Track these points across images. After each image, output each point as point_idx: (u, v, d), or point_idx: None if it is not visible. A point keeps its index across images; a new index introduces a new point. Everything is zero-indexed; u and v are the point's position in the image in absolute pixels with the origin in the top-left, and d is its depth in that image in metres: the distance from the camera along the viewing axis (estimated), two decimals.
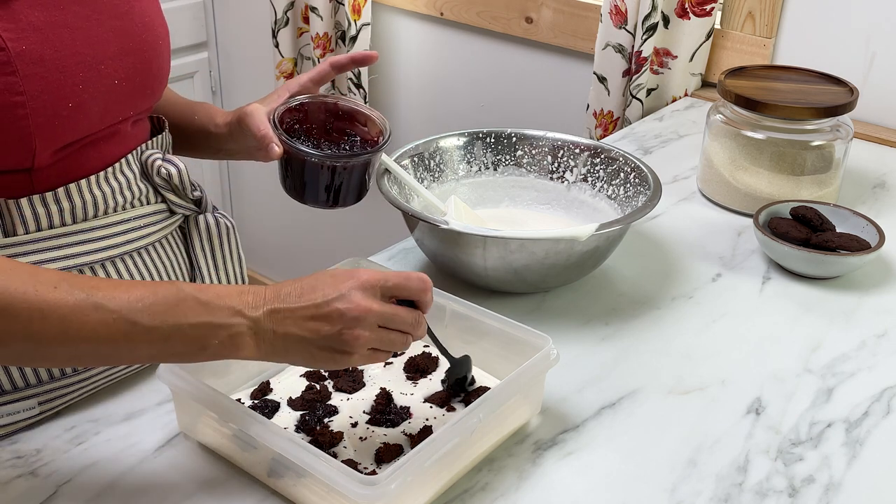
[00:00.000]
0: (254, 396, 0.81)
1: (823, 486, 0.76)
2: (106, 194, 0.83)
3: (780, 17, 1.53)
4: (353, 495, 0.64)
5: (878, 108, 1.47)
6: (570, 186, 1.13)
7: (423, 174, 1.10)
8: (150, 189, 0.89)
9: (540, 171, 1.14)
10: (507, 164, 1.15)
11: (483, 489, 0.74)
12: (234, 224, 0.97)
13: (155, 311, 0.66)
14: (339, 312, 0.68)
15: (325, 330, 0.68)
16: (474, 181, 1.14)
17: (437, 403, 0.81)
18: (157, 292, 0.67)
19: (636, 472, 0.77)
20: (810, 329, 0.97)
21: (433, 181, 1.11)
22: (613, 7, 1.58)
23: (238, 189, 2.59)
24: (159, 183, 0.89)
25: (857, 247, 1.05)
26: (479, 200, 1.14)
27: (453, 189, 1.13)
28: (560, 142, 1.14)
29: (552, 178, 1.14)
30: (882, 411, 0.85)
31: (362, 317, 0.68)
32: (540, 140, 1.15)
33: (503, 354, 0.82)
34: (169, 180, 0.89)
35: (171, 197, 0.90)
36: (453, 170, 1.13)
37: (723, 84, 1.21)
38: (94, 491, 0.73)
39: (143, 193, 0.88)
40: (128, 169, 0.86)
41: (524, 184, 1.15)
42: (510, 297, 1.00)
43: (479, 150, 1.15)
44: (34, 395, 0.80)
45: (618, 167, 1.09)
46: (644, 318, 0.98)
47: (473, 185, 1.14)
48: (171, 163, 0.89)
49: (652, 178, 1.04)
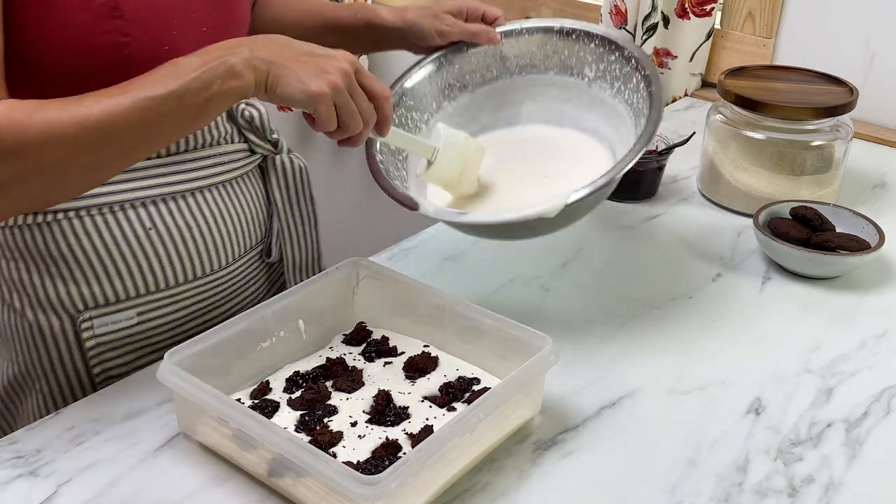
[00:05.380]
0: (254, 396, 0.81)
1: (823, 486, 0.76)
2: (196, 132, 0.92)
3: (780, 17, 1.53)
4: (353, 495, 0.64)
5: (878, 108, 1.47)
6: (590, 83, 1.05)
7: (446, 90, 1.09)
8: (235, 129, 0.99)
9: (558, 68, 1.08)
10: (524, 66, 1.09)
11: (483, 489, 0.74)
12: (307, 165, 1.06)
13: (159, 80, 0.75)
14: (318, 46, 0.82)
15: (306, 48, 0.81)
16: (491, 88, 1.10)
17: (437, 403, 0.81)
18: (156, 70, 0.76)
19: (636, 472, 0.77)
20: (810, 329, 0.97)
21: (452, 96, 1.09)
22: (613, 7, 1.58)
23: None
24: (242, 124, 0.99)
25: (856, 247, 1.05)
26: (500, 106, 1.09)
27: (473, 99, 1.09)
28: (570, 30, 1.06)
29: (571, 75, 1.07)
30: (882, 411, 0.85)
31: (338, 61, 0.80)
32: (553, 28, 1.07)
33: (503, 354, 0.82)
34: (251, 122, 0.99)
35: (251, 137, 1.00)
36: (472, 76, 1.10)
37: (723, 84, 1.21)
38: (94, 491, 0.73)
39: (229, 133, 0.98)
40: None
41: (545, 81, 1.08)
42: (510, 297, 1.00)
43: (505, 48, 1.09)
44: (133, 307, 0.92)
45: (630, 70, 1.01)
46: (644, 318, 0.98)
47: (490, 92, 1.10)
48: (254, 106, 1.00)
49: (654, 101, 0.95)
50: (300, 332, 0.87)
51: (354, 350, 0.88)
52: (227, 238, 0.97)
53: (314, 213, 1.08)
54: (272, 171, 1.03)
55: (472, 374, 0.84)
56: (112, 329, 0.92)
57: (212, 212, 0.95)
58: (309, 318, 0.87)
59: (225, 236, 0.97)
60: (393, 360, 0.87)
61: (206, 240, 0.95)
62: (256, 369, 0.84)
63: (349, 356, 0.87)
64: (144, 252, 0.91)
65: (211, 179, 0.95)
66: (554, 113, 1.09)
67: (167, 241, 0.92)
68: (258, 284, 1.06)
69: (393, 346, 0.88)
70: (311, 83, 0.78)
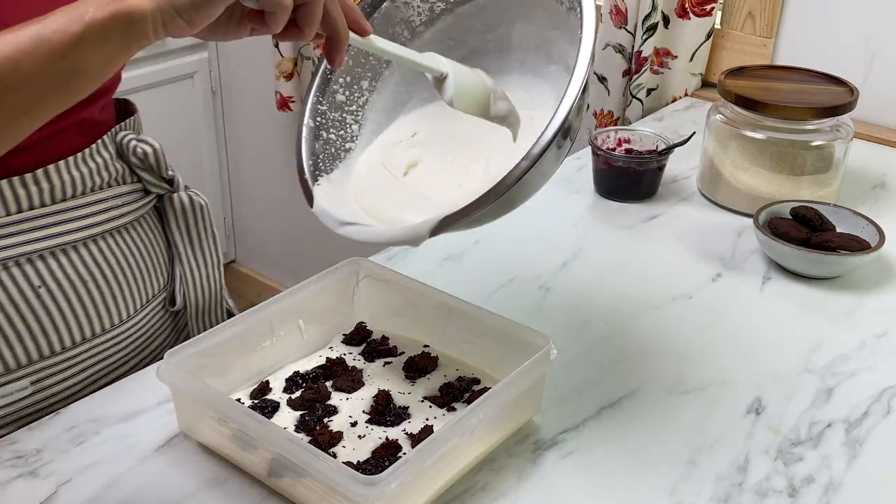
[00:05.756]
0: (253, 396, 0.81)
1: (823, 486, 0.76)
2: (84, 175, 0.85)
3: (780, 17, 1.53)
4: (353, 495, 0.64)
5: (878, 108, 1.47)
6: (568, 13, 0.79)
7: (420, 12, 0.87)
8: (126, 169, 0.91)
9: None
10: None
11: (483, 489, 0.74)
12: (207, 202, 0.98)
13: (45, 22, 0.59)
14: None
15: None
16: (474, 5, 0.87)
17: (437, 403, 0.81)
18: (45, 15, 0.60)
19: (636, 472, 0.77)
20: (810, 329, 0.97)
21: (430, 20, 0.87)
22: (613, 7, 1.58)
23: (238, 189, 2.60)
24: (135, 162, 0.91)
25: (857, 247, 1.05)
26: (487, 27, 0.87)
27: (456, 21, 0.87)
28: None
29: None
30: (882, 411, 0.85)
31: None
32: None
33: (503, 354, 0.82)
34: (144, 159, 0.91)
35: (145, 176, 0.92)
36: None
37: (723, 84, 1.21)
38: (94, 491, 0.73)
39: (119, 173, 0.90)
40: (104, 150, 0.88)
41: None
42: (510, 297, 1.00)
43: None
44: (26, 376, 0.83)
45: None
46: (644, 318, 0.98)
47: (474, 10, 0.87)
48: (146, 142, 0.91)
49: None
50: (300, 332, 0.87)
51: (354, 350, 0.88)
52: (125, 289, 0.89)
53: (217, 252, 1.00)
54: (170, 210, 0.95)
55: (472, 374, 0.84)
56: (5, 402, 0.82)
57: (107, 262, 0.87)
58: (309, 318, 0.87)
59: (124, 287, 0.89)
60: (393, 360, 0.87)
61: (104, 293, 0.87)
62: (256, 369, 0.84)
63: (349, 356, 0.87)
64: (34, 313, 0.82)
65: (103, 226, 0.87)
66: (545, 41, 0.85)
67: (59, 298, 0.84)
68: (164, 336, 0.98)
69: (393, 346, 0.88)
70: None
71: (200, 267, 0.99)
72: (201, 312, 1.00)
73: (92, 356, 0.88)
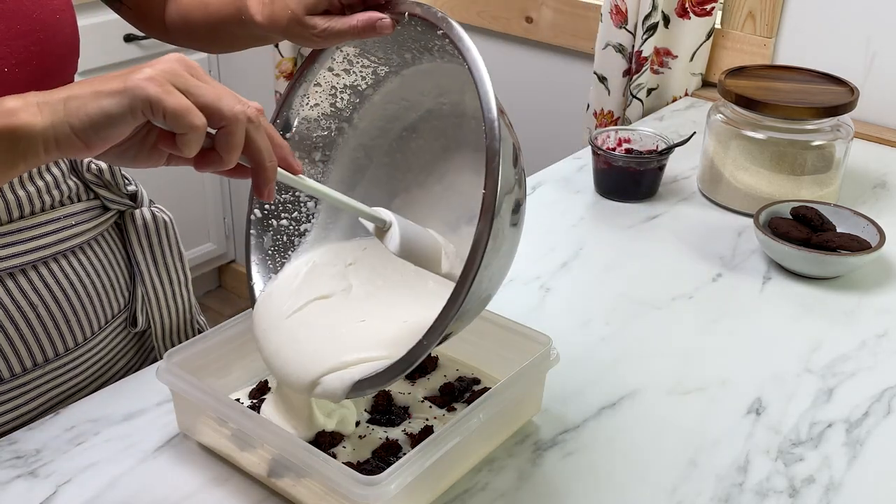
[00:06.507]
0: (253, 396, 0.81)
1: (824, 486, 0.76)
2: (31, 194, 0.81)
3: (780, 17, 1.53)
4: (353, 495, 0.64)
5: (879, 108, 1.47)
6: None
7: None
8: (81, 186, 0.86)
9: None
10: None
11: (483, 489, 0.74)
12: (172, 218, 0.93)
13: None
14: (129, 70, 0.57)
15: (113, 74, 0.57)
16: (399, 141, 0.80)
17: (437, 403, 0.81)
18: None
19: (636, 472, 0.77)
20: (810, 329, 0.97)
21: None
22: (614, 7, 1.58)
23: (238, 189, 2.60)
24: (90, 178, 0.86)
25: (857, 247, 1.05)
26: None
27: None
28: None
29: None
30: (882, 411, 0.85)
31: (159, 62, 0.59)
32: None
33: (503, 354, 0.82)
34: (100, 175, 0.86)
35: (103, 192, 0.88)
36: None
37: (723, 84, 1.21)
38: (94, 491, 0.73)
39: (73, 191, 0.85)
40: (55, 167, 0.83)
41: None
42: (510, 297, 1.00)
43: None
44: None
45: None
46: (644, 318, 0.98)
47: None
48: None
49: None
50: None
51: None
52: (80, 312, 0.85)
53: (184, 270, 0.95)
54: (131, 227, 0.90)
55: (472, 375, 0.84)
56: None
57: (59, 285, 0.83)
58: None
59: (78, 310, 0.85)
60: None
61: (55, 317, 0.83)
62: (256, 369, 0.84)
63: None
64: None
65: (57, 247, 0.83)
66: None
67: (13, 321, 0.80)
68: (128, 358, 0.94)
69: None
70: (121, 82, 0.56)
71: (165, 285, 0.94)
72: (168, 333, 0.96)
73: (48, 381, 0.84)
